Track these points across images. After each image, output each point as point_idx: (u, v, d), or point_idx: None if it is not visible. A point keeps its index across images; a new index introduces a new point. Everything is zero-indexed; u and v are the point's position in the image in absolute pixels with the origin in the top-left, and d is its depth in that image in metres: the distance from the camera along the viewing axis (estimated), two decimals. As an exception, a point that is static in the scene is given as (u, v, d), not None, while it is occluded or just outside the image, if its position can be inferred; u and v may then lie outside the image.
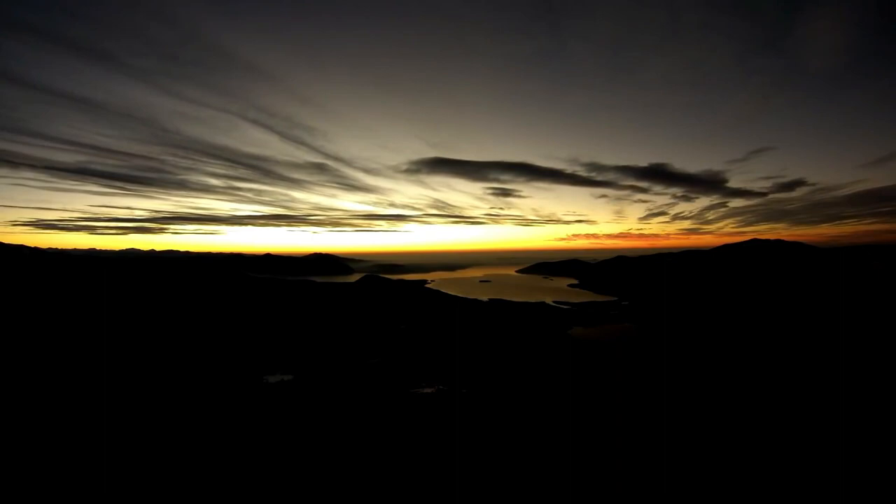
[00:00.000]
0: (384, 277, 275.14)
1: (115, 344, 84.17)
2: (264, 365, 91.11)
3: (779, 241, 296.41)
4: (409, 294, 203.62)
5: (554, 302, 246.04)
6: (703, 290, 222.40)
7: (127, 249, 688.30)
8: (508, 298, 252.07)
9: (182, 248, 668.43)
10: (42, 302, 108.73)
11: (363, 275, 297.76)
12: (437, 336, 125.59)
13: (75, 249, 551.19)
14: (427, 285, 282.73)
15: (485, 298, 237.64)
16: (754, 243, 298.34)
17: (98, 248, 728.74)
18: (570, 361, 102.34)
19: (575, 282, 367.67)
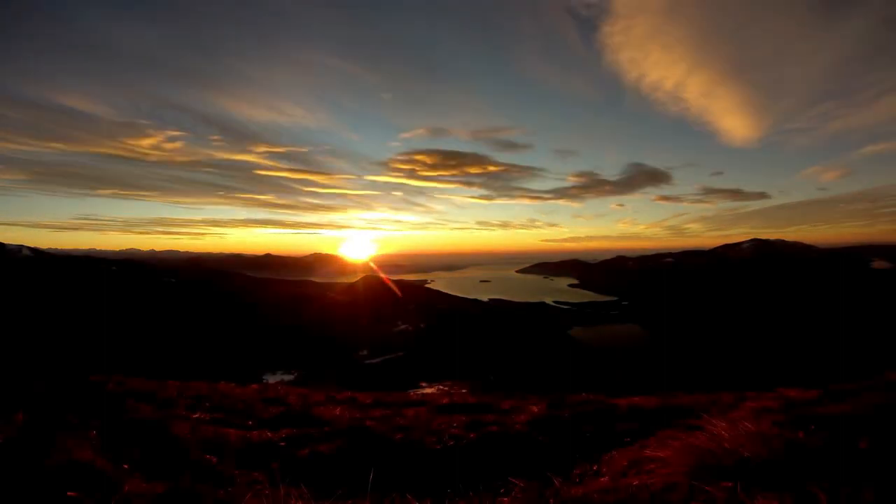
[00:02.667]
0: (384, 277, 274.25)
1: (116, 343, 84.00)
2: (265, 364, 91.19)
3: (780, 241, 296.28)
4: (409, 294, 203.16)
5: (554, 302, 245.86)
6: (704, 289, 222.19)
7: (127, 250, 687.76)
8: (508, 298, 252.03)
9: (182, 249, 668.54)
10: (41, 301, 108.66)
11: (363, 275, 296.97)
12: (436, 336, 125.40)
13: (75, 249, 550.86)
14: (427, 285, 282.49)
15: (485, 298, 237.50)
16: (754, 243, 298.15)
17: (98, 248, 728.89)
18: (570, 361, 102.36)
19: (575, 282, 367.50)
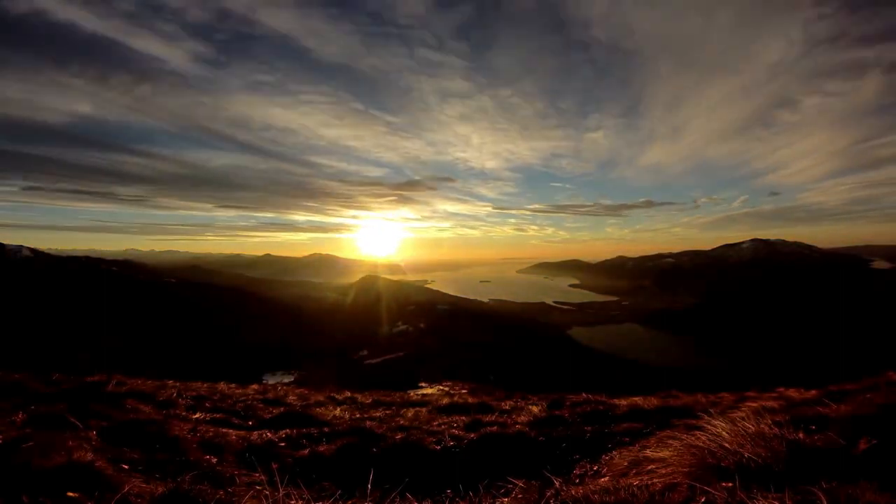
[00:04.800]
0: (384, 277, 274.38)
1: (116, 343, 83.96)
2: (265, 364, 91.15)
3: (780, 241, 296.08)
4: (409, 294, 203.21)
5: (554, 302, 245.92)
6: (704, 289, 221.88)
7: (127, 251, 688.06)
8: (509, 298, 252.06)
9: (182, 250, 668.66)
10: (41, 302, 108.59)
11: (363, 275, 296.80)
12: (437, 336, 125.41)
13: (75, 250, 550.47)
14: (427, 285, 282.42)
15: (485, 299, 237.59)
16: (754, 243, 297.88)
17: (98, 248, 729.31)
18: (570, 361, 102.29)
19: (575, 282, 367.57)
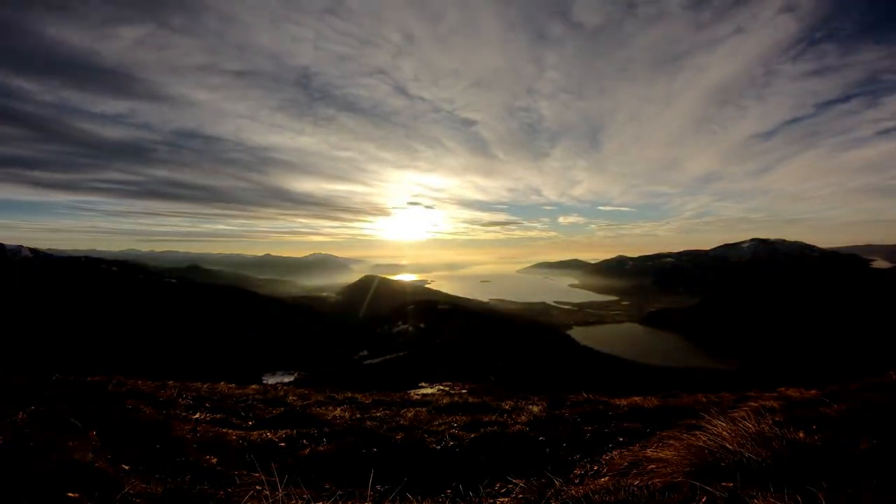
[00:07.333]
0: (384, 277, 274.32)
1: (116, 343, 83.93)
2: (265, 364, 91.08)
3: (780, 241, 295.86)
4: (409, 294, 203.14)
5: (554, 302, 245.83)
6: (705, 289, 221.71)
7: (126, 251, 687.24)
8: (509, 298, 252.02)
9: (182, 250, 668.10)
10: (41, 302, 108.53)
11: (363, 275, 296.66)
12: (437, 336, 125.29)
13: (75, 251, 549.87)
14: (427, 285, 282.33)
15: (485, 298, 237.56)
16: (754, 243, 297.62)
17: (98, 249, 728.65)
18: (570, 361, 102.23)
19: (575, 282, 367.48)
